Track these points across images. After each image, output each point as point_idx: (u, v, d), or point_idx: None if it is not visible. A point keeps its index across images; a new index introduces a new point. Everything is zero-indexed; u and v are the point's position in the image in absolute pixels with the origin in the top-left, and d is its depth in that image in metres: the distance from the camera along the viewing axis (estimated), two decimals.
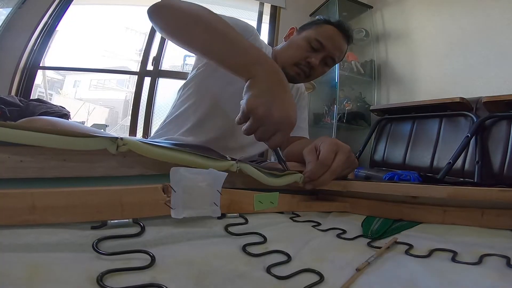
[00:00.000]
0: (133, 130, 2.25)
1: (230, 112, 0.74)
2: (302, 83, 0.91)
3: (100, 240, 0.21)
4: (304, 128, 0.90)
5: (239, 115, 0.42)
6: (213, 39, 0.46)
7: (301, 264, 0.25)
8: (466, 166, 1.30)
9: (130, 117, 2.32)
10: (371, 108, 1.93)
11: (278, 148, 0.44)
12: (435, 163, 1.44)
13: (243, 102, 0.41)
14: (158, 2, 0.52)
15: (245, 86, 0.42)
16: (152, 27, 2.39)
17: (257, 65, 0.42)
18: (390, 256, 0.28)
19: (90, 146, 0.24)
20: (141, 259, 0.21)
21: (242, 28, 0.69)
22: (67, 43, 2.79)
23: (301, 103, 0.90)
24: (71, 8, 2.29)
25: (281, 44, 0.80)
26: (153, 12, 0.52)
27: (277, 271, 0.23)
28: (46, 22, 2.16)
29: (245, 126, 0.42)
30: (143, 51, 2.42)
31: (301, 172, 0.42)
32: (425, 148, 1.51)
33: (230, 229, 0.29)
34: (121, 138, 0.25)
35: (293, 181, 0.40)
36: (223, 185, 0.29)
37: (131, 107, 2.33)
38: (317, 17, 0.78)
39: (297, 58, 0.72)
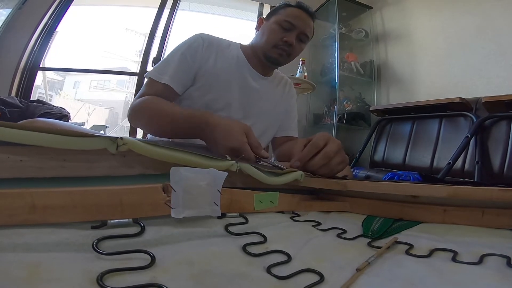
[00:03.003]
0: (133, 131, 2.25)
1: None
2: (290, 80, 0.95)
3: (100, 240, 0.21)
4: (293, 128, 0.92)
5: None
6: (164, 125, 0.61)
7: (301, 264, 0.25)
8: (466, 166, 1.30)
9: None
10: (371, 108, 1.93)
11: (264, 159, 0.46)
12: (435, 163, 1.44)
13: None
14: (128, 112, 0.69)
15: None
16: (152, 27, 2.41)
17: (195, 128, 0.54)
18: (390, 256, 0.28)
19: (90, 146, 0.24)
20: (141, 259, 0.21)
21: (189, 50, 0.75)
22: (67, 44, 2.79)
23: (289, 100, 0.92)
24: (71, 9, 2.29)
25: (255, 35, 0.85)
26: (130, 122, 0.71)
27: (277, 271, 0.23)
28: (46, 23, 2.16)
29: None
30: (143, 52, 2.42)
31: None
32: (425, 148, 1.51)
33: (230, 228, 0.29)
34: (121, 138, 0.24)
35: (293, 179, 0.40)
36: (223, 185, 0.29)
37: None
38: (277, 4, 0.84)
39: (274, 40, 0.77)
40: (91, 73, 3.22)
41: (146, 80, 0.74)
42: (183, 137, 0.61)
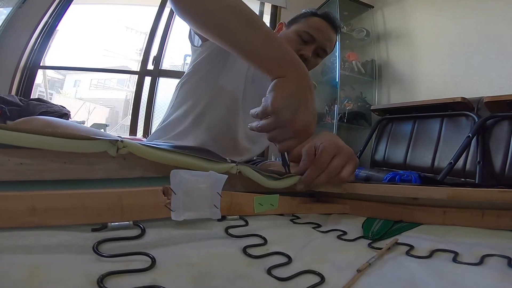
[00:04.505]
0: (133, 129, 2.25)
1: (227, 112, 0.74)
2: None
3: (100, 242, 0.21)
4: None
5: (258, 109, 0.40)
6: (246, 28, 0.42)
7: (302, 266, 0.25)
8: (468, 166, 1.30)
9: (130, 117, 2.32)
10: (372, 108, 1.93)
11: (286, 152, 0.43)
12: (436, 163, 1.44)
13: (268, 100, 0.39)
14: None
15: (272, 84, 0.40)
16: (152, 26, 2.40)
17: (291, 65, 0.40)
18: (391, 257, 0.28)
19: (90, 149, 0.24)
20: (141, 261, 0.21)
21: None
22: (68, 43, 2.80)
23: None
24: (72, 8, 2.29)
25: None
26: None
27: (277, 272, 0.23)
28: (47, 22, 2.16)
29: (261, 122, 0.40)
30: (143, 51, 2.42)
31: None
32: (426, 148, 1.50)
33: (230, 231, 0.29)
34: (121, 141, 0.25)
35: (292, 183, 0.40)
36: (223, 188, 0.29)
37: (132, 107, 2.34)
38: (303, 10, 0.79)
39: None
40: (91, 71, 3.22)
41: None
42: (244, 51, 0.43)
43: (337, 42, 2.11)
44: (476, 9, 1.60)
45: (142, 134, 2.24)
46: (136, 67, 2.47)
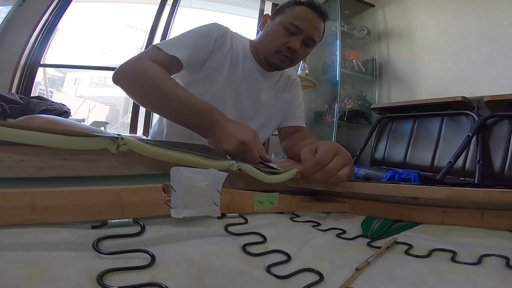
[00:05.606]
0: (133, 127, 2.26)
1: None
2: (294, 71, 0.91)
3: (100, 239, 0.21)
4: (299, 116, 0.89)
5: None
6: (171, 110, 0.56)
7: (301, 264, 0.25)
8: (467, 165, 1.30)
9: (130, 115, 2.32)
10: (372, 106, 1.92)
11: (263, 161, 0.45)
12: (435, 162, 1.44)
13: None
14: (119, 68, 0.59)
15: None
16: (153, 24, 2.40)
17: (207, 129, 0.51)
18: (389, 256, 0.28)
19: (90, 146, 0.24)
20: (141, 258, 0.21)
21: (205, 33, 0.71)
22: (68, 41, 2.79)
23: (294, 90, 0.88)
24: (72, 6, 2.28)
25: (258, 34, 0.79)
26: (116, 80, 0.61)
27: (277, 270, 0.23)
28: (47, 20, 2.15)
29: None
30: (143, 49, 2.41)
31: None
32: (426, 147, 1.50)
33: (230, 228, 0.29)
34: (122, 138, 0.25)
35: (292, 176, 0.40)
36: (223, 185, 0.29)
37: (132, 105, 2.34)
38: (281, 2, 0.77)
39: (276, 45, 0.71)
40: (91, 69, 3.22)
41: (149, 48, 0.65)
42: (180, 123, 0.56)
43: (338, 41, 2.10)
44: (478, 8, 1.59)
45: (142, 132, 2.24)
46: None
